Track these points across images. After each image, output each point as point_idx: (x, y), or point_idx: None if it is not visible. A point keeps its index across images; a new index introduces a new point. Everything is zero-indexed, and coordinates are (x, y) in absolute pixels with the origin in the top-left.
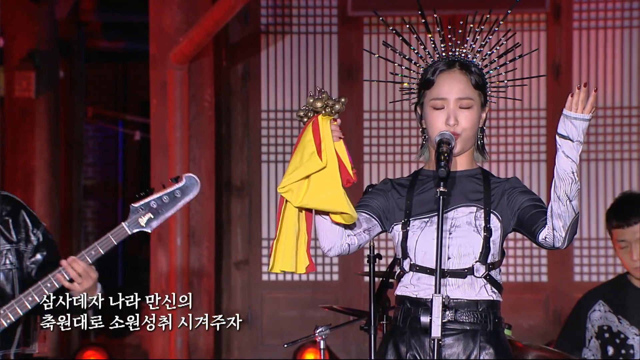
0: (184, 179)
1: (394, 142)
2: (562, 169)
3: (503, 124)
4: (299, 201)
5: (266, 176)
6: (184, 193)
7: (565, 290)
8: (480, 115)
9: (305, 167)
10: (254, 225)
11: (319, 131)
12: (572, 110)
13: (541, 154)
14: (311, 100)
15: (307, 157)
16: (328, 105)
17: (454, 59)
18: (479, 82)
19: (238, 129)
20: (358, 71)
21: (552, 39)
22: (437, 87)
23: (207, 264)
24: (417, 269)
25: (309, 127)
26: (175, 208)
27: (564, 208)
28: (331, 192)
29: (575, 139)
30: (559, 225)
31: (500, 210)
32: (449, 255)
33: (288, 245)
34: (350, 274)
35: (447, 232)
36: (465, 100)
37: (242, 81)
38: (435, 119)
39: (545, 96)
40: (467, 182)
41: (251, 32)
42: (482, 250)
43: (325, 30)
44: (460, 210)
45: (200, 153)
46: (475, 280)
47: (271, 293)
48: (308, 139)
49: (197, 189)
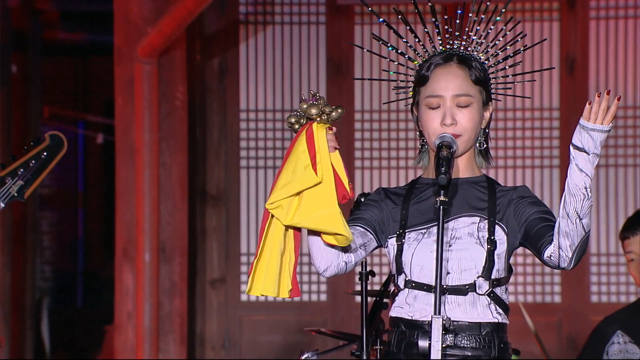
0: (47, 138)
1: (389, 145)
2: (574, 183)
3: (510, 125)
4: (289, 219)
5: (245, 184)
6: (51, 153)
7: (580, 312)
8: (482, 114)
9: (299, 182)
10: (231, 239)
11: (314, 141)
12: (590, 121)
13: (553, 159)
14: (305, 105)
15: (300, 170)
16: (324, 112)
17: (451, 52)
18: (480, 77)
19: (214, 130)
20: (348, 66)
21: (566, 30)
22: (432, 84)
23: (179, 282)
24: (413, 285)
25: (302, 136)
26: (45, 171)
27: (572, 226)
28: (326, 211)
29: (592, 152)
30: (565, 245)
31: (506, 221)
32: (449, 270)
33: (271, 265)
34: (339, 293)
35: (446, 245)
36: (463, 97)
37: (218, 77)
38: (431, 119)
39: (558, 94)
40: (469, 190)
41: (228, 22)
42: (485, 265)
43: (311, 21)
44: (461, 220)
45: (171, 158)
46: (478, 298)
47: (251, 315)
48: (301, 149)
49: (64, 147)
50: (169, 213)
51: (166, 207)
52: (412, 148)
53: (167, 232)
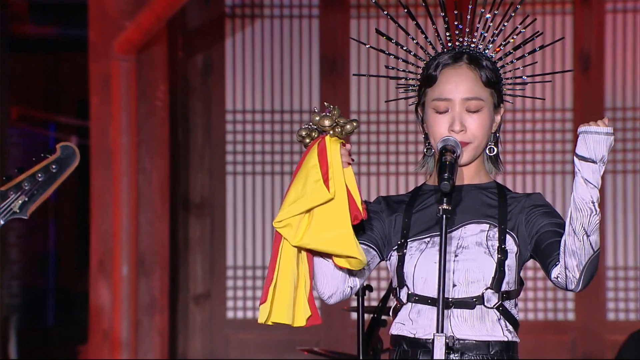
0: (58, 149)
1: (388, 149)
2: (580, 197)
3: (519, 128)
4: (298, 239)
5: (232, 191)
6: (61, 166)
7: (596, 330)
8: (492, 118)
9: (309, 198)
10: (216, 251)
11: (326, 155)
12: (592, 125)
13: (566, 165)
14: (317, 117)
15: (311, 185)
16: (338, 125)
17: (461, 51)
18: (492, 78)
19: (197, 133)
20: (344, 63)
21: (580, 24)
22: (439, 85)
23: (159, 298)
24: (416, 299)
25: (313, 149)
26: (53, 186)
27: (579, 244)
28: (338, 231)
29: (599, 160)
30: (572, 264)
31: (517, 230)
32: (455, 282)
33: (284, 291)
34: (334, 310)
35: (452, 255)
36: (474, 101)
37: (202, 75)
38: (438, 124)
39: (571, 93)
40: (477, 195)
41: (213, 15)
42: (494, 276)
43: (303, 14)
44: (469, 228)
45: (151, 163)
46: (486, 312)
47: (238, 333)
48: (312, 164)
49: (76, 159)
50: (149, 223)
51: (145, 217)
52: (413, 152)
53: (146, 244)
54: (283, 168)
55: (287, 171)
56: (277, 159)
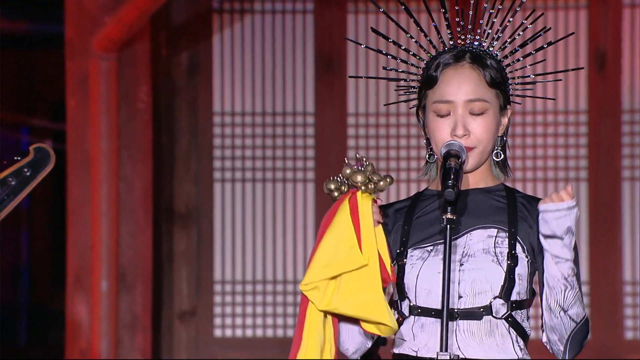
0: (32, 152)
1: (388, 155)
2: (550, 275)
3: (529, 132)
4: (325, 304)
5: (220, 200)
6: (34, 170)
7: (613, 350)
8: (498, 121)
9: (342, 264)
10: (203, 265)
11: (358, 213)
12: (549, 202)
13: (580, 171)
14: (348, 171)
15: (344, 248)
16: (371, 181)
17: (463, 49)
18: (497, 78)
19: (183, 137)
20: (340, 62)
21: (595, 20)
22: (440, 87)
23: (141, 315)
24: (419, 311)
25: (344, 206)
26: (26, 190)
27: (557, 321)
28: (368, 296)
29: (565, 234)
30: (554, 339)
31: (528, 240)
32: (460, 294)
33: (312, 354)
34: None
35: (457, 264)
36: (477, 103)
37: (188, 75)
38: (439, 128)
39: (586, 94)
40: (484, 199)
41: (200, 10)
42: (503, 284)
43: (297, 9)
44: (475, 234)
45: (133, 170)
46: (495, 324)
47: (226, 353)
48: (345, 223)
49: (51, 162)
50: (130, 234)
51: (127, 228)
52: (414, 158)
53: (127, 257)
54: (275, 175)
55: (279, 178)
56: (269, 164)
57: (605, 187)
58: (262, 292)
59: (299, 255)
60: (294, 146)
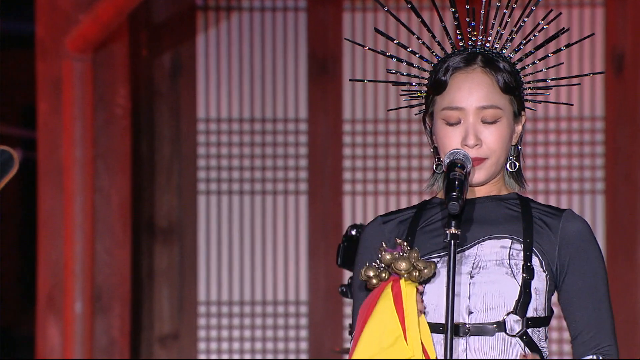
0: None
1: (387, 165)
2: None
3: (541, 140)
4: None
5: (204, 213)
6: None
7: None
8: (512, 129)
9: (387, 355)
10: (187, 284)
11: (402, 303)
12: None
13: (597, 183)
14: (389, 256)
15: (388, 340)
16: (416, 268)
17: (474, 52)
18: (510, 83)
19: (164, 145)
20: (335, 63)
21: (613, 19)
22: (450, 93)
23: (119, 338)
24: None
25: (387, 294)
26: None
27: None
28: None
29: None
30: None
31: (547, 254)
32: (471, 309)
33: None
34: (324, 351)
35: (467, 276)
36: (490, 111)
37: (170, 78)
38: (449, 137)
39: (602, 99)
40: (496, 207)
41: (183, 7)
42: (518, 299)
43: (288, 6)
44: (487, 244)
45: (110, 180)
46: (509, 342)
47: None
48: (389, 313)
49: (15, 166)
50: (107, 251)
51: (103, 244)
52: (415, 168)
53: (104, 275)
54: (264, 186)
55: (268, 190)
56: (258, 175)
57: (623, 200)
58: (251, 314)
59: (290, 275)
60: (285, 155)
